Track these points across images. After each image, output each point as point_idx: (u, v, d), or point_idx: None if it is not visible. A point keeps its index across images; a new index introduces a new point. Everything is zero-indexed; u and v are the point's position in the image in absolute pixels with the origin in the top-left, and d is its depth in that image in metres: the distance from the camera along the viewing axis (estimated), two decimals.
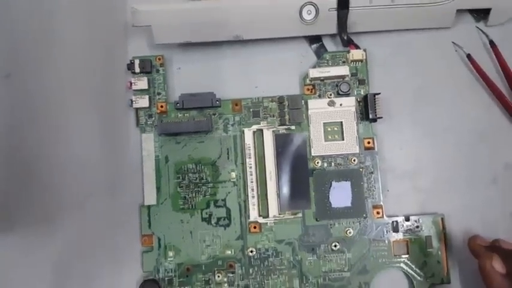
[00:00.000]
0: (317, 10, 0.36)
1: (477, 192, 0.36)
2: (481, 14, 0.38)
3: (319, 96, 0.37)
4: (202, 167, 0.37)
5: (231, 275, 0.36)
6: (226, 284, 0.36)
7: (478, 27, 0.38)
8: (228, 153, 0.37)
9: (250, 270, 0.36)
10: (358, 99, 0.37)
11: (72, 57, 0.38)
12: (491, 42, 0.37)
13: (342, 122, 0.36)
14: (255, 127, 0.37)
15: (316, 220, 0.36)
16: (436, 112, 0.37)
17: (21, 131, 0.37)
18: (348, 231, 0.36)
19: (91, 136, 0.38)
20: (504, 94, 0.36)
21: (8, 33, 0.38)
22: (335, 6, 0.36)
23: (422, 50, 0.38)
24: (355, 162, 0.36)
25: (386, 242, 0.36)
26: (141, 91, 0.37)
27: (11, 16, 0.38)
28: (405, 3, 0.36)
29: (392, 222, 0.36)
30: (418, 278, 0.35)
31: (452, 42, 0.38)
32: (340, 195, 0.36)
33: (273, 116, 0.37)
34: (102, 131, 0.38)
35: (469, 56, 0.37)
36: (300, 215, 0.36)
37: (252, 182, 0.36)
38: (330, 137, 0.36)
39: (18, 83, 0.38)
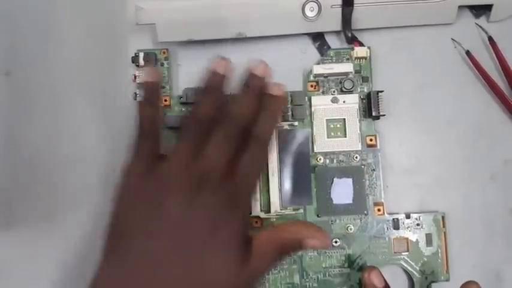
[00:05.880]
0: (320, 7, 0.36)
1: (476, 189, 0.37)
2: (481, 11, 0.38)
3: (323, 93, 0.37)
4: None
5: None
6: None
7: (477, 24, 0.38)
8: None
9: None
10: (362, 97, 0.37)
11: (73, 52, 0.38)
12: (491, 39, 0.37)
13: (344, 119, 0.36)
14: None
15: (318, 216, 0.36)
16: (435, 109, 0.38)
17: (21, 128, 0.37)
18: (349, 228, 0.36)
19: (94, 132, 0.38)
20: (503, 91, 0.37)
21: (7, 29, 0.38)
22: (338, 3, 0.36)
23: (423, 47, 0.38)
24: (357, 159, 0.36)
25: (387, 239, 0.36)
26: None
27: (10, 11, 0.38)
28: (408, 0, 0.36)
29: (393, 219, 0.36)
30: (418, 275, 0.35)
31: (452, 39, 0.38)
32: (342, 191, 0.36)
33: None
34: (105, 125, 0.38)
35: (468, 53, 0.37)
36: (302, 210, 0.36)
37: None
38: (332, 134, 0.37)
39: (19, 80, 0.38)
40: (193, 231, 0.29)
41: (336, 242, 0.36)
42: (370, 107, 0.36)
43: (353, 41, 0.37)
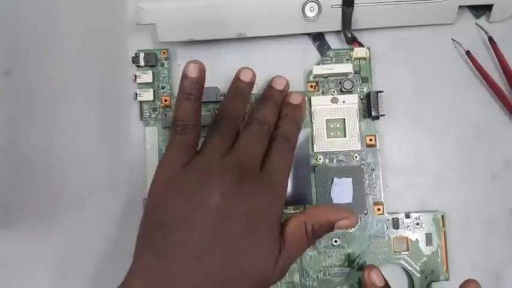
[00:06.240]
0: (320, 7, 0.36)
1: (476, 188, 0.37)
2: (481, 11, 0.38)
3: (323, 93, 0.37)
4: None
5: None
6: None
7: (477, 24, 0.38)
8: None
9: None
10: (361, 97, 0.37)
11: (74, 52, 0.38)
12: (491, 39, 0.37)
13: (344, 119, 0.37)
14: None
15: None
16: (435, 109, 0.38)
17: (21, 128, 0.37)
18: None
19: (93, 131, 0.38)
20: (503, 91, 0.37)
21: (8, 29, 0.38)
22: (338, 3, 0.36)
23: (423, 47, 0.38)
24: (357, 159, 0.36)
25: (387, 238, 0.36)
26: (146, 84, 0.37)
27: (11, 12, 0.38)
28: (408, 0, 0.36)
29: (393, 218, 0.36)
30: (418, 274, 0.36)
31: (452, 39, 0.38)
32: (342, 191, 0.36)
33: None
34: (105, 125, 0.38)
35: (468, 53, 0.37)
36: (302, 210, 0.36)
37: None
38: (332, 134, 0.37)
39: (19, 80, 0.38)
40: (234, 222, 0.29)
41: (335, 241, 0.36)
42: (369, 107, 0.36)
43: (353, 41, 0.37)
